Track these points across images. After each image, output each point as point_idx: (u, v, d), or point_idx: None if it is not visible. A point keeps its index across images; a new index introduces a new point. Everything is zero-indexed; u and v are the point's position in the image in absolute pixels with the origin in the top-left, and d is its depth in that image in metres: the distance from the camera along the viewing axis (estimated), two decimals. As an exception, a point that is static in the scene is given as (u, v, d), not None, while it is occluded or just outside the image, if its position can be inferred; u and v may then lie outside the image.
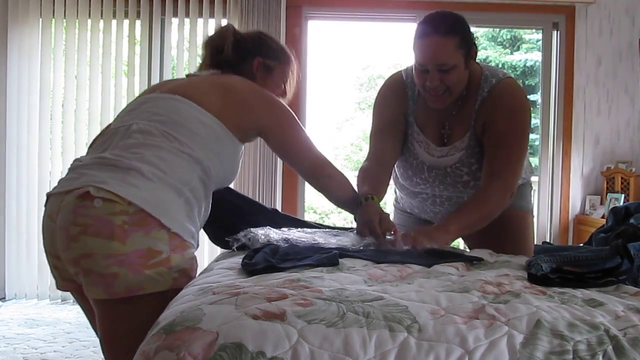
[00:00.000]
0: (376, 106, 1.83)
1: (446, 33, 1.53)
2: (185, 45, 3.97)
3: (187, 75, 1.62)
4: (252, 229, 1.50)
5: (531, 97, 8.39)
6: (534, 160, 7.30)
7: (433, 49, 1.55)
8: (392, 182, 1.98)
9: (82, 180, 1.27)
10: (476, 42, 1.62)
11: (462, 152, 1.70)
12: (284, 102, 1.66)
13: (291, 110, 1.57)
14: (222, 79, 1.53)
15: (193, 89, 1.46)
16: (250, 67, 1.61)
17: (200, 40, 3.91)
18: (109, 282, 1.22)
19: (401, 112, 1.77)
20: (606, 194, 3.83)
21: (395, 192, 2.07)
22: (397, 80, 1.79)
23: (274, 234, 1.45)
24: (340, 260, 1.30)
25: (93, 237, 1.22)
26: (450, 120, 1.71)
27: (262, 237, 1.43)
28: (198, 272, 1.36)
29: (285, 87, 1.69)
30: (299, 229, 1.57)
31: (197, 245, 1.41)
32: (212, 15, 3.86)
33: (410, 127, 1.76)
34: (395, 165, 1.85)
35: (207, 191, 1.41)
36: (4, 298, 3.87)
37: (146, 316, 1.17)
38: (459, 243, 3.25)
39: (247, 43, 1.62)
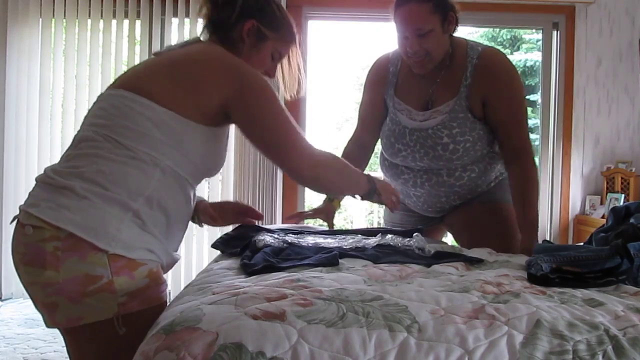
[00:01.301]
0: (363, 88, 2.02)
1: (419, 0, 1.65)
2: (185, 45, 3.97)
3: (154, 54, 1.42)
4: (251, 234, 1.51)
5: (531, 97, 8.39)
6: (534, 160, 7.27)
7: (408, 15, 1.68)
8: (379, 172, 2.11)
9: (25, 203, 1.20)
10: (455, 8, 1.73)
11: (444, 115, 1.78)
12: (287, 96, 1.53)
13: (268, 84, 1.30)
14: (180, 53, 1.32)
15: (144, 76, 1.29)
16: (241, 29, 1.36)
17: (200, 40, 3.91)
18: (51, 311, 1.15)
19: (380, 92, 1.92)
20: (606, 194, 3.83)
21: None
22: (381, 60, 1.94)
23: (270, 239, 1.44)
24: (340, 260, 1.30)
25: (28, 266, 1.15)
26: (434, 88, 1.81)
27: (260, 242, 1.42)
28: (197, 274, 1.35)
29: (274, 65, 1.45)
30: (298, 235, 1.56)
31: (173, 257, 1.30)
32: (212, 15, 3.85)
33: (391, 100, 1.89)
34: (380, 139, 1.99)
35: (177, 192, 1.25)
36: (2, 297, 3.87)
37: (96, 346, 1.16)
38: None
39: (247, 0, 1.38)
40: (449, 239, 2.37)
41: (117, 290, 1.13)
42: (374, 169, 4.50)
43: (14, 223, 1.20)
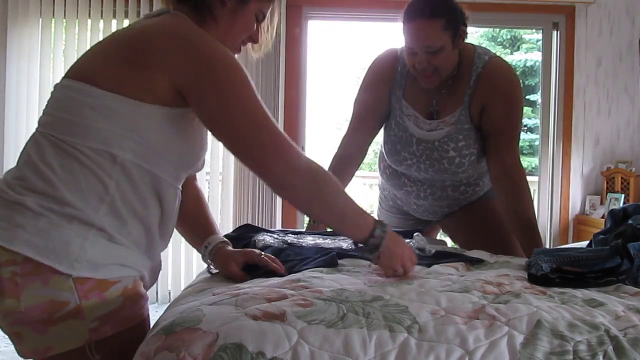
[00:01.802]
0: (364, 82, 1.86)
1: (432, 15, 1.57)
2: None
3: (113, 33, 1.21)
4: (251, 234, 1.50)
5: (531, 97, 8.39)
6: (534, 160, 7.28)
7: (419, 32, 1.59)
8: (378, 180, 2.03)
9: None
10: (466, 21, 1.65)
11: (451, 126, 1.73)
12: (254, 53, 1.29)
13: (235, 60, 1.08)
14: (128, 28, 1.15)
15: (90, 59, 1.11)
16: None
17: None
18: (17, 342, 1.03)
19: (385, 92, 1.80)
20: (606, 194, 3.83)
21: (381, 190, 2.10)
22: (389, 56, 1.81)
23: (270, 239, 1.45)
24: (340, 261, 1.30)
25: None
26: (439, 98, 1.74)
27: (260, 242, 1.42)
28: (197, 274, 1.34)
29: (258, 27, 1.24)
30: (298, 235, 1.56)
31: (157, 263, 1.17)
32: (212, 15, 3.85)
33: (398, 102, 1.79)
34: (382, 144, 1.90)
35: (145, 191, 1.07)
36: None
37: None
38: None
39: None
40: (447, 239, 2.38)
41: (87, 315, 1.01)
42: (373, 169, 4.49)
43: None
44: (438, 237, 2.17)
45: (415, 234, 1.54)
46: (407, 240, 1.46)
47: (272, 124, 1.07)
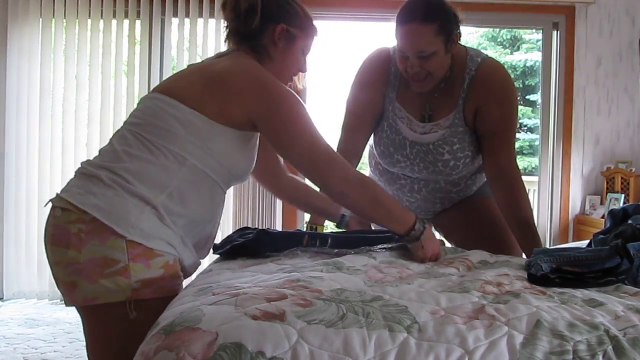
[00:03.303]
0: (356, 81, 1.84)
1: (424, 20, 1.55)
2: (185, 45, 3.97)
3: (188, 66, 1.51)
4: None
5: (531, 97, 8.39)
6: (534, 160, 7.28)
7: (411, 37, 1.57)
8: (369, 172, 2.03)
9: (61, 190, 1.29)
10: (459, 24, 1.63)
11: (445, 130, 1.72)
12: (299, 83, 1.53)
13: (295, 96, 1.34)
14: (213, 64, 1.38)
15: (178, 82, 1.38)
16: (271, 34, 1.40)
17: (200, 40, 3.92)
18: (70, 290, 1.22)
19: (379, 92, 1.78)
20: (606, 194, 3.83)
21: None
22: (382, 55, 1.78)
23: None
24: (339, 260, 1.30)
25: (54, 245, 1.24)
26: (432, 101, 1.73)
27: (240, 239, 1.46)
28: (197, 273, 1.36)
29: (304, 60, 1.49)
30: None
31: (196, 258, 1.36)
32: (212, 15, 3.85)
33: (391, 104, 1.77)
34: (373, 145, 1.88)
35: (202, 192, 1.31)
36: (3, 298, 3.87)
37: (108, 326, 1.23)
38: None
39: (271, 5, 1.41)
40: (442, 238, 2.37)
41: (132, 275, 1.20)
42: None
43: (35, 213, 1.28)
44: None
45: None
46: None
47: (324, 145, 1.33)
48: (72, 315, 3.50)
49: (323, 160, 1.33)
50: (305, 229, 1.80)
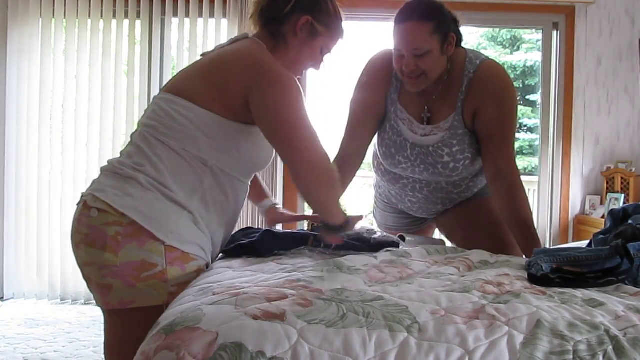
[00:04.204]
0: (360, 82, 1.85)
1: (421, 19, 1.59)
2: (185, 45, 3.96)
3: (202, 55, 1.47)
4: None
5: (531, 97, 8.39)
6: (534, 160, 7.26)
7: (407, 34, 1.60)
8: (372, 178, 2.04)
9: (91, 188, 1.28)
10: (458, 27, 1.67)
11: (445, 132, 1.73)
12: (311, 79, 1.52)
13: (293, 83, 1.31)
14: (217, 53, 1.38)
15: (185, 78, 1.37)
16: (295, 23, 1.38)
17: (200, 41, 3.91)
18: (104, 292, 1.22)
19: (382, 93, 1.80)
20: (606, 194, 3.83)
21: (375, 188, 2.10)
22: (386, 57, 1.78)
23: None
24: (340, 260, 1.30)
25: (89, 246, 1.22)
26: (431, 104, 1.74)
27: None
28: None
29: (321, 59, 1.47)
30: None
31: (217, 255, 1.39)
32: (212, 15, 3.85)
33: (393, 105, 1.79)
34: (376, 145, 1.89)
35: (226, 189, 1.33)
36: (3, 297, 3.87)
37: (141, 330, 1.17)
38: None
39: None
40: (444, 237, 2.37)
41: (169, 279, 1.22)
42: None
43: (49, 214, 1.27)
44: (435, 237, 2.17)
45: (407, 238, 1.54)
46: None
47: (312, 134, 1.29)
48: (72, 316, 3.50)
49: (301, 148, 1.28)
50: (306, 229, 1.80)
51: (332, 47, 1.48)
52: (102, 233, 1.20)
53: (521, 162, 7.98)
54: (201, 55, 1.46)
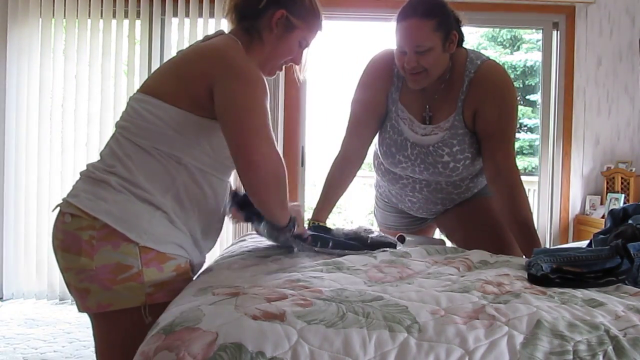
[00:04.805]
0: (362, 81, 1.85)
1: (423, 16, 1.60)
2: (185, 45, 3.96)
3: (178, 52, 1.45)
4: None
5: (531, 97, 8.39)
6: (534, 160, 7.26)
7: (409, 31, 1.61)
8: (373, 179, 2.05)
9: (68, 194, 1.28)
10: (460, 26, 1.68)
11: (445, 132, 1.73)
12: (300, 75, 1.50)
13: (260, 81, 1.27)
14: (188, 50, 1.37)
15: (157, 77, 1.36)
16: (270, 18, 1.35)
17: (200, 40, 3.91)
18: (83, 296, 1.22)
19: (384, 92, 1.80)
20: (606, 194, 3.83)
21: (376, 188, 2.11)
22: (387, 56, 1.79)
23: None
24: (340, 260, 1.30)
25: (65, 252, 1.23)
26: (432, 103, 1.75)
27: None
28: (197, 274, 1.36)
29: (300, 52, 1.44)
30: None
31: (203, 257, 1.37)
32: (212, 15, 3.85)
33: (394, 105, 1.79)
34: (377, 145, 1.90)
35: (202, 186, 1.30)
36: (2, 297, 3.86)
37: (123, 332, 1.22)
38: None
39: None
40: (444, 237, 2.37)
41: (146, 280, 1.21)
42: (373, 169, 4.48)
43: (49, 214, 1.27)
44: (435, 237, 2.17)
45: (407, 238, 1.54)
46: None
47: (268, 136, 1.23)
48: (71, 316, 3.49)
49: (254, 148, 1.21)
50: (307, 226, 1.79)
51: (311, 40, 1.45)
52: (76, 238, 1.20)
53: (521, 162, 7.97)
54: (177, 54, 1.45)
